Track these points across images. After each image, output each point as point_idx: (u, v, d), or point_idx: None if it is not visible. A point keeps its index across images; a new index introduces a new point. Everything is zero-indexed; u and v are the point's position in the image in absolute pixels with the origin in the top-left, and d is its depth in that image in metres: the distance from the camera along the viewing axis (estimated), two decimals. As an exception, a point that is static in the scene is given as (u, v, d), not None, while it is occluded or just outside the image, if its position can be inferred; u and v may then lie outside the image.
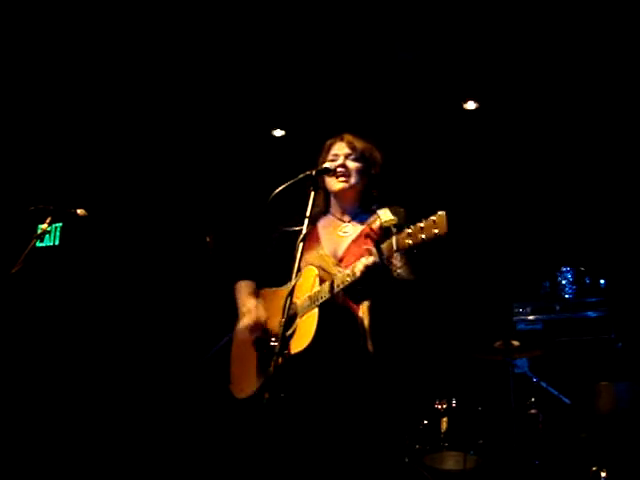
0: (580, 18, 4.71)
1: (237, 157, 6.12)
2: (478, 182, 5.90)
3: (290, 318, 2.63)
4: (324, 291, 2.57)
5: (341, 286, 2.54)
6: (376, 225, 2.64)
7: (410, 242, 2.29)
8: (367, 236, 2.59)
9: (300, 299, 2.66)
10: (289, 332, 2.62)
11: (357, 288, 2.55)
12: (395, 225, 2.43)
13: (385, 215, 2.51)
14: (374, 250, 2.43)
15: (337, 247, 2.81)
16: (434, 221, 2.24)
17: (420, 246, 2.28)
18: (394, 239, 2.36)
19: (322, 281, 2.62)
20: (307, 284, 2.66)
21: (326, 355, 2.57)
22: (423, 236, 2.26)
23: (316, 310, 2.58)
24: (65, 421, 5.31)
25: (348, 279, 2.50)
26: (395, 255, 2.51)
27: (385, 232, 2.51)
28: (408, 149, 5.68)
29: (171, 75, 5.42)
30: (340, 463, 2.56)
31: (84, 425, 5.28)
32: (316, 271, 2.66)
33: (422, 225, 2.27)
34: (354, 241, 2.79)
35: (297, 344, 2.57)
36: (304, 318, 2.61)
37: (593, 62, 5.08)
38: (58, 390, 5.47)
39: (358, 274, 2.46)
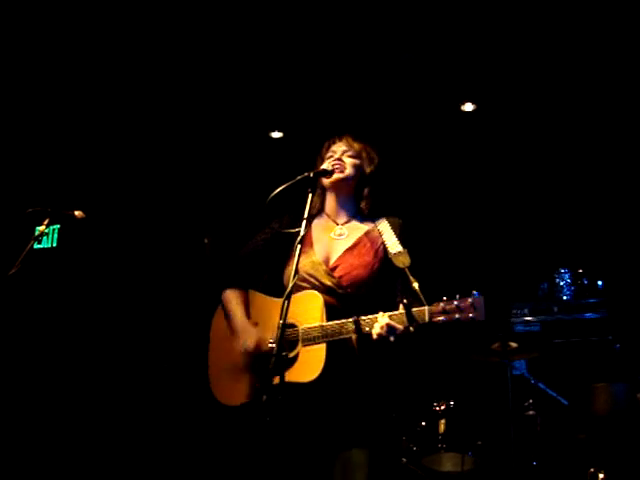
0: (576, 20, 4.73)
1: (235, 159, 6.12)
2: (475, 183, 5.91)
3: (289, 342, 2.57)
4: (346, 331, 2.48)
5: (360, 334, 2.47)
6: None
7: (443, 319, 2.31)
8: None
9: (303, 325, 2.58)
10: (291, 355, 2.56)
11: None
12: (408, 267, 2.48)
13: (393, 245, 2.61)
14: (404, 316, 2.38)
15: (330, 252, 2.75)
16: (472, 305, 2.26)
17: (451, 324, 2.30)
18: (427, 311, 2.35)
19: (328, 309, 2.54)
20: (312, 312, 2.56)
21: (327, 387, 2.52)
22: (458, 316, 2.28)
23: (324, 345, 2.50)
24: (60, 422, 5.31)
25: (373, 332, 2.41)
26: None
27: (395, 267, 2.56)
28: (405, 150, 5.69)
29: (169, 77, 5.42)
30: (336, 463, 2.53)
31: (77, 427, 5.28)
32: (322, 300, 2.56)
33: (458, 304, 2.29)
34: (349, 250, 2.72)
35: (299, 374, 2.52)
36: (309, 349, 2.54)
37: (590, 64, 5.10)
38: (55, 391, 5.47)
39: (376, 337, 2.40)
